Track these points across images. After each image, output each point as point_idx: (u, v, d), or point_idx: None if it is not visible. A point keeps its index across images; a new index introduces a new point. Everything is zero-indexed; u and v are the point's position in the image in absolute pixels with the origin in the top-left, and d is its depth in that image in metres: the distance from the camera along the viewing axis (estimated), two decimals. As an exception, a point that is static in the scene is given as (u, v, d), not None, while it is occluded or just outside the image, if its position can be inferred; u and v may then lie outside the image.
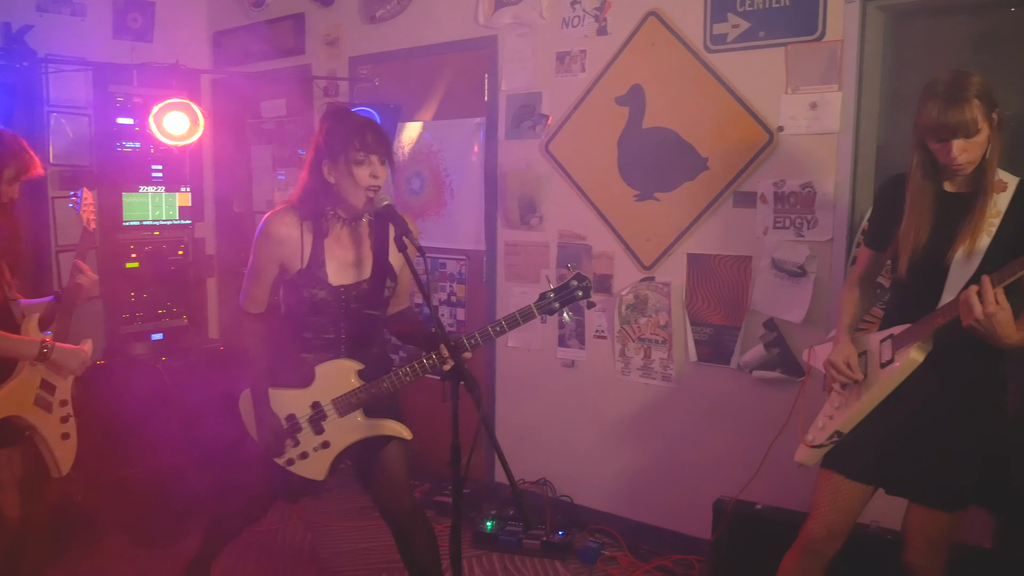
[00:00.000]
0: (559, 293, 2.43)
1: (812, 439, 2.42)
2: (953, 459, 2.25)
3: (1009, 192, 2.20)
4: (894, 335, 2.28)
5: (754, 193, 3.38)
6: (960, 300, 2.07)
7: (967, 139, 2.12)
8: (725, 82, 3.42)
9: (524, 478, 4.13)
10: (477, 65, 4.20)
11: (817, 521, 2.39)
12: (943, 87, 2.14)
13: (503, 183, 4.16)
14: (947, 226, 2.22)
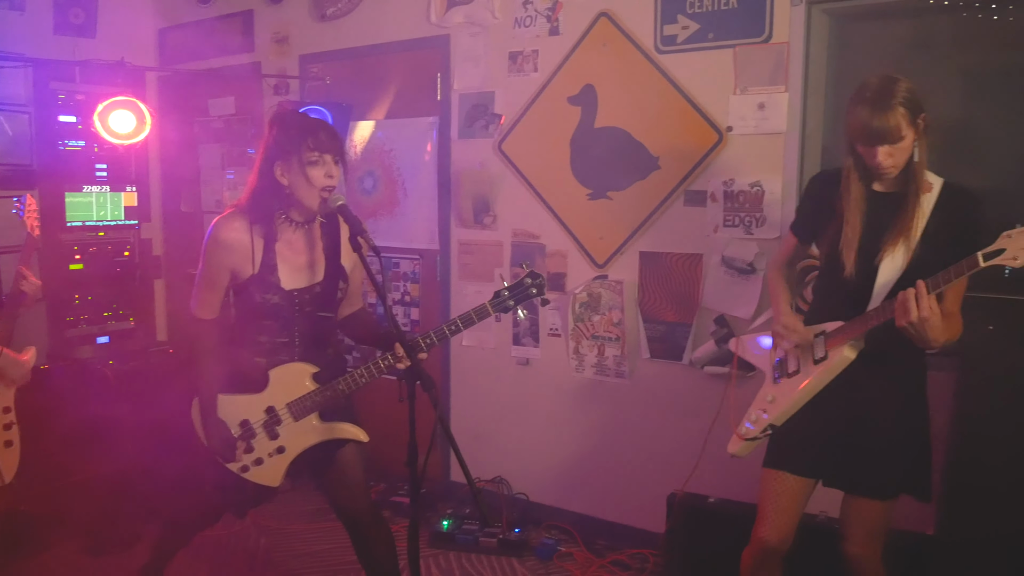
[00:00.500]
0: (514, 291, 2.44)
1: (745, 431, 2.49)
2: (883, 450, 2.33)
3: (935, 192, 2.28)
4: (827, 331, 2.35)
5: (704, 192, 3.44)
6: (897, 302, 2.13)
7: (892, 145, 2.19)
8: (675, 83, 3.47)
9: (480, 476, 4.15)
10: (429, 64, 4.20)
11: (766, 527, 2.45)
12: (871, 93, 2.20)
13: (456, 182, 4.16)
14: (877, 225, 2.29)
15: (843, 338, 2.30)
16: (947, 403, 2.80)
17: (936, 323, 2.10)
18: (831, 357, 2.32)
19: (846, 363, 2.30)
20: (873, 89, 2.20)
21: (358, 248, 2.41)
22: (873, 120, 2.17)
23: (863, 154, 2.25)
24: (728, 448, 2.54)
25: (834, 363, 2.31)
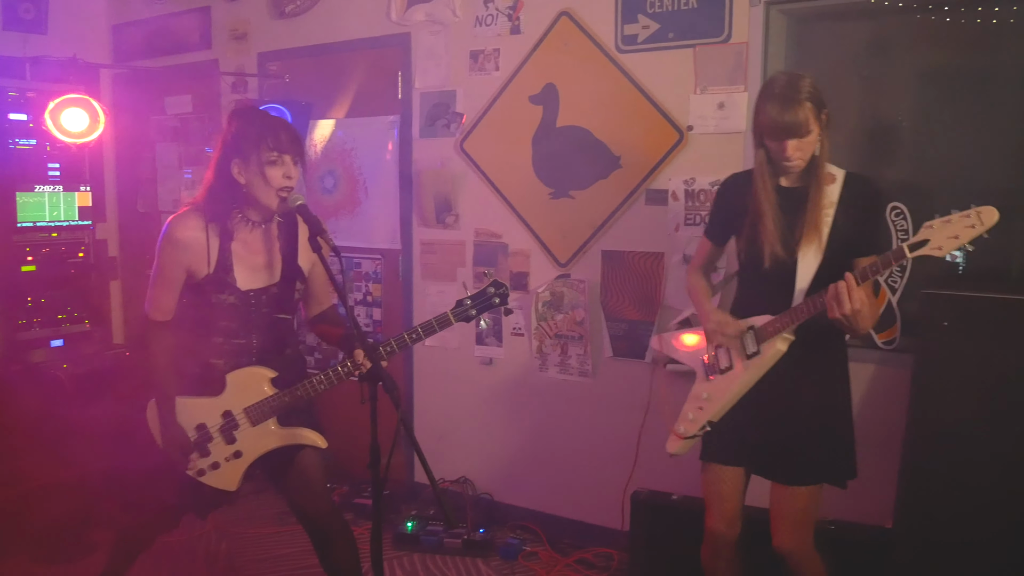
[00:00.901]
0: (476, 300, 2.43)
1: (684, 430, 2.52)
2: (804, 438, 2.40)
3: (838, 183, 2.37)
4: (755, 326, 2.40)
5: (665, 191, 3.45)
6: (829, 297, 2.20)
7: (801, 139, 2.27)
8: (636, 82, 3.48)
9: (444, 477, 4.12)
10: (390, 62, 4.16)
11: (713, 517, 2.55)
12: (779, 89, 2.28)
13: (418, 182, 4.13)
14: (788, 220, 2.36)
15: (773, 332, 2.36)
16: (903, 399, 2.84)
17: (867, 313, 2.20)
18: (764, 351, 2.38)
19: (779, 356, 2.36)
20: (781, 85, 2.29)
21: (318, 249, 2.38)
22: (784, 115, 2.25)
23: (773, 149, 2.33)
24: (667, 448, 2.58)
25: (767, 357, 2.37)
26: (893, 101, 3.27)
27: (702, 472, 2.59)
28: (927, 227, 2.12)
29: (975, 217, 2.05)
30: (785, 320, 2.33)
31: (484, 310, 2.43)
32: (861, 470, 3.15)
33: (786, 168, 2.36)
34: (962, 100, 3.16)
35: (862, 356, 3.16)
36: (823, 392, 2.44)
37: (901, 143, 3.29)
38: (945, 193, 3.17)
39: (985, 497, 2.60)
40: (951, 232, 2.08)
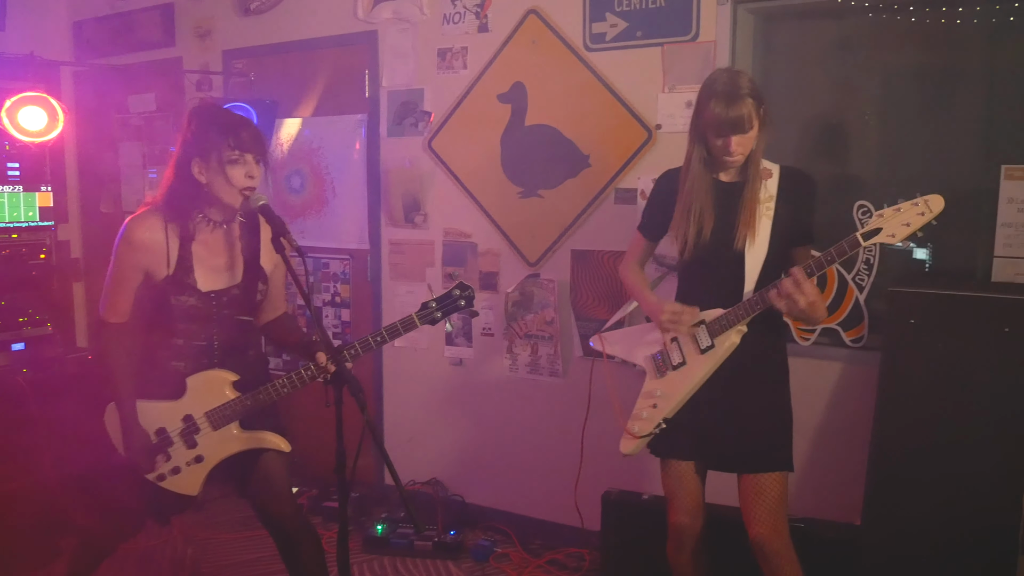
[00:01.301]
0: (441, 303, 2.40)
1: (639, 429, 2.51)
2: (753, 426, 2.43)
3: (775, 178, 2.42)
4: (706, 321, 2.41)
5: (634, 190, 3.45)
6: (783, 292, 2.24)
7: (743, 135, 2.31)
8: (605, 80, 3.47)
9: (414, 479, 4.09)
10: (357, 60, 4.12)
11: (676, 511, 2.56)
12: (721, 86, 2.32)
13: (386, 181, 4.09)
14: (727, 214, 2.40)
15: (727, 325, 2.38)
16: (871, 397, 2.86)
17: (820, 304, 2.27)
18: (718, 345, 2.39)
19: (733, 348, 2.39)
20: (723, 82, 2.33)
21: (281, 250, 2.34)
22: (729, 111, 2.28)
23: (715, 145, 2.36)
24: (621, 448, 2.56)
25: (722, 350, 2.39)
26: (859, 100, 3.29)
27: (661, 469, 2.60)
28: (879, 216, 2.18)
29: (923, 205, 2.13)
30: (739, 313, 2.36)
31: (450, 313, 2.41)
32: (831, 467, 3.19)
33: (726, 163, 2.39)
34: (926, 99, 3.18)
35: (830, 354, 3.18)
36: (768, 383, 2.48)
37: (867, 141, 3.31)
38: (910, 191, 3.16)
39: (952, 493, 2.62)
40: (902, 220, 2.15)
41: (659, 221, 2.60)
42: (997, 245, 2.95)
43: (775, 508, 2.43)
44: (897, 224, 2.15)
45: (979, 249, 3.03)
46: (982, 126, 3.08)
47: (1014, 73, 3.01)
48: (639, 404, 2.55)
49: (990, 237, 2.96)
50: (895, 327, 2.85)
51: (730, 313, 2.38)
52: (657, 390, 2.51)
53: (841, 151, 3.34)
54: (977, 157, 3.08)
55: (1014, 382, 2.63)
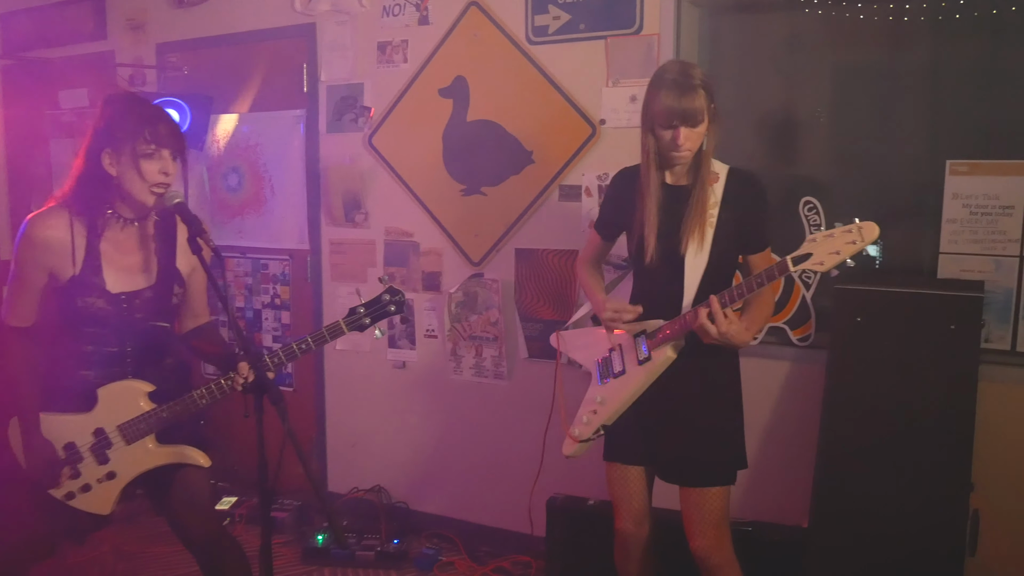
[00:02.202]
0: (370, 308, 2.28)
1: (579, 434, 2.46)
2: (701, 438, 2.36)
3: (722, 181, 2.32)
4: (647, 331, 2.33)
5: (579, 186, 3.36)
6: (696, 325, 2.19)
7: (693, 128, 2.22)
8: (548, 75, 3.38)
9: (358, 486, 3.98)
10: (295, 54, 3.98)
11: (622, 517, 2.51)
12: (672, 76, 2.23)
13: (326, 178, 3.96)
14: (673, 218, 2.31)
15: (663, 340, 2.30)
16: (818, 395, 2.81)
17: (737, 331, 2.18)
18: (654, 358, 2.32)
19: (669, 363, 2.31)
20: (674, 72, 2.24)
21: (198, 250, 2.20)
22: (680, 101, 2.18)
23: (662, 138, 2.26)
24: (563, 450, 2.51)
25: (658, 363, 2.32)
26: (806, 96, 3.24)
27: (607, 472, 2.52)
28: (810, 240, 2.09)
29: (856, 232, 2.03)
30: (675, 329, 2.28)
31: (379, 319, 2.29)
32: (779, 469, 3.14)
33: (674, 159, 2.29)
34: (873, 96, 3.14)
35: (777, 354, 3.13)
36: (716, 393, 2.40)
37: (814, 138, 3.26)
38: (856, 187, 3.15)
39: (899, 493, 2.58)
40: (832, 247, 2.05)
41: (613, 220, 2.52)
42: (942, 241, 2.93)
43: (717, 521, 2.36)
44: (826, 251, 2.05)
45: (924, 245, 3.00)
46: (928, 122, 3.05)
47: (959, 69, 2.98)
48: (581, 409, 2.50)
49: (936, 233, 2.93)
50: (841, 325, 2.81)
51: (667, 326, 2.30)
52: (598, 396, 2.45)
53: (788, 147, 3.29)
54: (923, 153, 3.04)
55: (960, 379, 2.61)
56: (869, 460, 2.65)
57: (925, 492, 2.57)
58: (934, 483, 2.56)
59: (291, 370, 4.18)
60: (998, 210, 2.84)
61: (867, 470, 2.65)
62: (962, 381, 2.62)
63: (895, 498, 2.59)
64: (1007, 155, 2.83)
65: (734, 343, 2.19)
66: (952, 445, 2.57)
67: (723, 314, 2.15)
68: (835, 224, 2.10)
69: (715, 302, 2.15)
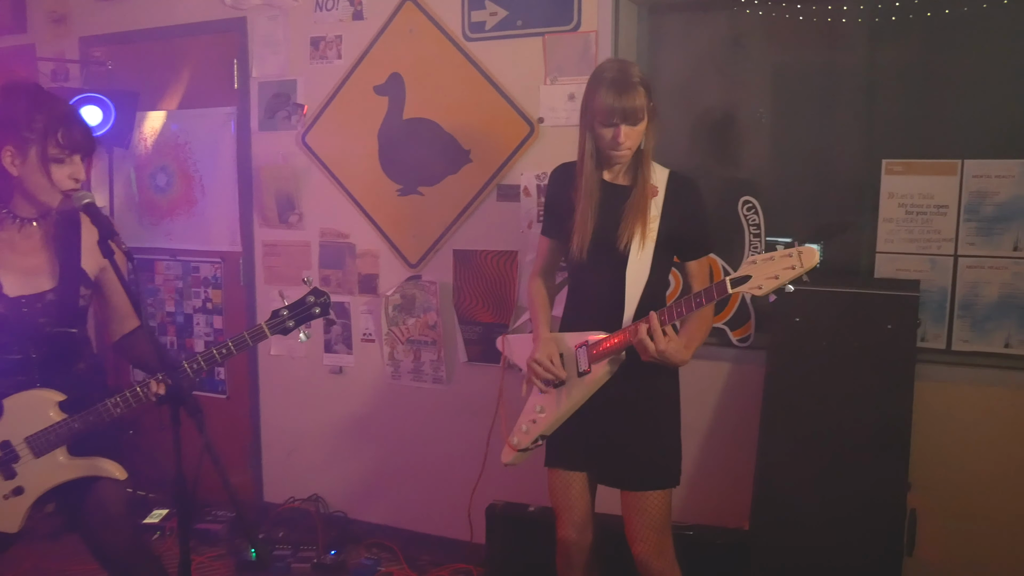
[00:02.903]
0: (293, 310, 2.18)
1: (518, 442, 2.39)
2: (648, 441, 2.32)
3: (662, 185, 2.28)
4: (589, 342, 2.27)
5: (517, 186, 3.30)
6: (635, 342, 2.14)
7: (633, 126, 2.19)
8: (485, 72, 3.31)
9: (295, 495, 3.86)
10: (225, 49, 3.85)
11: (564, 525, 2.45)
12: (612, 74, 2.20)
13: (258, 178, 3.84)
14: (613, 218, 2.26)
15: (604, 354, 2.24)
16: (757, 396, 2.79)
17: (676, 349, 2.14)
18: (594, 371, 2.26)
19: (608, 377, 2.26)
20: (614, 71, 2.21)
21: (110, 254, 2.07)
22: (620, 99, 2.16)
23: (601, 137, 2.23)
24: (501, 458, 2.44)
25: (597, 377, 2.26)
26: (745, 95, 3.22)
27: (548, 478, 2.46)
28: (750, 263, 2.05)
29: (796, 258, 1.98)
30: (615, 344, 2.22)
31: (304, 321, 2.19)
32: (720, 471, 3.12)
33: (614, 158, 2.24)
34: (812, 96, 3.14)
35: (717, 355, 3.10)
36: (657, 397, 2.36)
37: (753, 137, 3.24)
38: (795, 187, 3.14)
39: (838, 493, 2.57)
40: (771, 271, 2.00)
41: (555, 218, 2.44)
42: (879, 240, 2.93)
43: (658, 527, 2.32)
44: (765, 276, 2.00)
45: (862, 245, 3.00)
46: (865, 122, 3.05)
47: (894, 70, 2.99)
48: (522, 417, 2.42)
49: (873, 232, 2.93)
50: (780, 325, 2.81)
51: (607, 340, 2.24)
52: (538, 405, 2.38)
53: (727, 146, 3.27)
54: (860, 152, 3.04)
55: (896, 378, 2.61)
56: (808, 460, 2.64)
57: (863, 492, 2.56)
58: (872, 483, 2.56)
59: (224, 377, 4.04)
60: (933, 209, 2.85)
61: (806, 471, 2.64)
62: (899, 380, 2.62)
63: (834, 498, 2.58)
64: (941, 155, 2.84)
65: (672, 361, 2.16)
66: (889, 445, 2.57)
67: (662, 332, 2.10)
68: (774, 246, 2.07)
69: (655, 319, 2.11)
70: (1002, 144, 2.79)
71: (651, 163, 2.27)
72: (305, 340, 2.20)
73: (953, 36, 2.86)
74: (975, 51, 2.85)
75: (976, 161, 2.79)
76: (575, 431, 2.34)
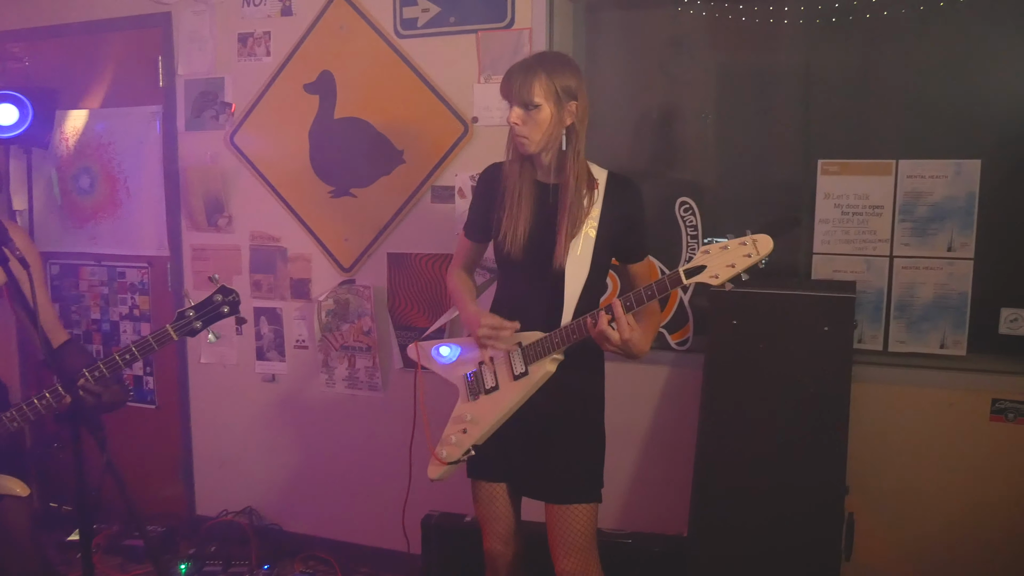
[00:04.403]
0: (201, 310, 2.08)
1: (447, 455, 2.28)
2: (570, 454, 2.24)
3: (602, 186, 2.21)
4: (523, 344, 2.19)
5: (452, 187, 3.22)
6: (596, 331, 2.06)
7: (525, 111, 2.11)
8: (418, 70, 3.22)
9: (227, 508, 3.73)
10: (150, 46, 3.70)
11: (489, 537, 2.38)
12: (528, 57, 2.17)
13: (185, 179, 3.69)
14: (548, 218, 2.19)
15: (543, 353, 2.15)
16: (696, 400, 2.74)
17: (639, 338, 2.07)
18: (532, 373, 2.17)
19: (548, 377, 2.17)
20: (535, 55, 2.18)
21: (3, 261, 1.95)
22: (515, 78, 2.11)
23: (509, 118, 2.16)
24: (428, 474, 2.31)
25: (536, 379, 2.17)
26: (683, 95, 3.18)
27: (472, 490, 2.38)
28: (704, 252, 1.98)
29: (751, 245, 1.93)
30: (556, 341, 2.13)
31: (212, 321, 2.09)
32: (659, 477, 3.07)
33: (518, 145, 2.15)
34: (750, 96, 3.11)
35: (656, 359, 3.06)
36: (582, 407, 2.27)
37: (690, 137, 3.20)
38: (733, 188, 3.11)
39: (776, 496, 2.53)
40: (727, 260, 1.95)
41: (481, 220, 2.35)
42: (816, 242, 2.91)
43: (583, 542, 2.24)
44: (721, 264, 1.95)
45: (799, 246, 2.97)
46: (802, 123, 3.02)
47: (831, 71, 2.96)
48: (449, 427, 2.31)
49: (811, 233, 2.91)
50: (718, 328, 2.76)
51: (547, 339, 2.15)
52: (468, 414, 2.27)
53: (665, 147, 3.22)
54: (797, 153, 3.01)
55: (834, 380, 2.58)
56: (746, 464, 2.61)
57: (801, 496, 2.53)
58: (810, 486, 2.53)
59: (153, 387, 3.89)
60: (868, 210, 2.83)
61: (744, 475, 2.60)
62: (836, 382, 2.59)
63: (772, 502, 2.55)
64: (876, 155, 2.82)
65: (634, 351, 2.08)
66: (827, 447, 2.54)
67: (626, 320, 2.03)
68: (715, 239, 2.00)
69: (619, 306, 2.02)
70: (936, 145, 2.78)
71: (585, 163, 2.20)
72: (214, 341, 2.09)
73: (890, 38, 2.85)
74: (911, 53, 2.84)
75: (910, 161, 2.78)
76: (498, 440, 2.25)
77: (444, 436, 2.30)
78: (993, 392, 2.70)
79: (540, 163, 2.22)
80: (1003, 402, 2.69)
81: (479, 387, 2.27)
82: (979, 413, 2.72)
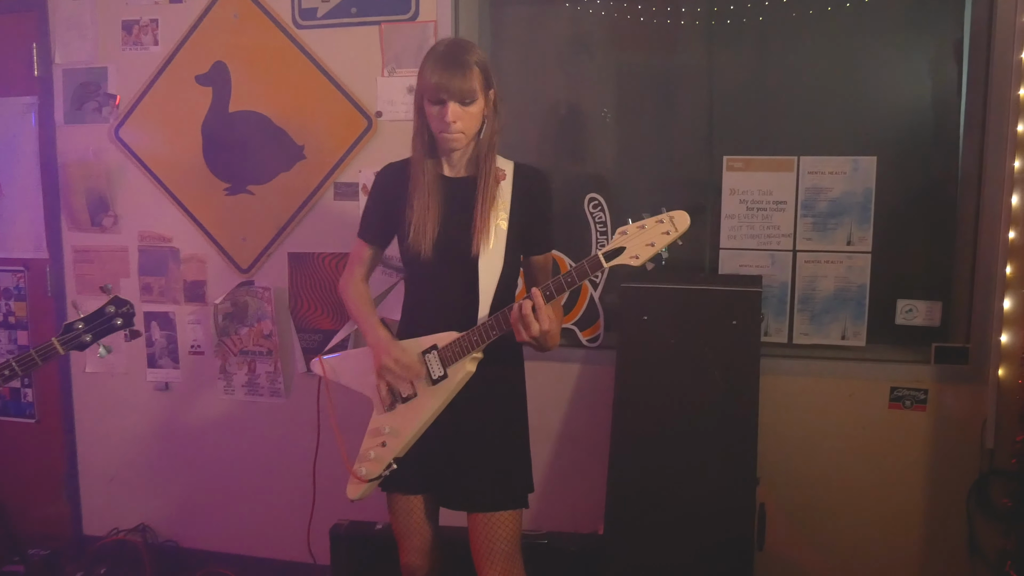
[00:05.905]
0: (90, 323, 1.93)
1: (367, 472, 2.17)
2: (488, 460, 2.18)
3: (509, 178, 2.17)
4: (438, 346, 2.11)
5: (355, 184, 3.11)
6: (514, 319, 1.99)
7: (464, 106, 2.04)
8: (318, 62, 3.10)
9: (118, 527, 3.52)
10: (23, 31, 3.44)
11: (406, 551, 2.29)
12: (445, 49, 2.07)
13: (65, 176, 3.45)
14: (458, 214, 2.13)
15: (461, 353, 2.08)
16: (609, 396, 2.73)
17: (556, 330, 2.03)
18: (451, 375, 2.09)
19: (468, 378, 2.10)
20: (446, 45, 2.09)
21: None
22: (448, 73, 2.01)
23: (431, 117, 2.07)
24: (348, 494, 2.20)
25: (456, 380, 2.10)
26: (590, 92, 3.17)
27: (387, 503, 2.28)
28: (621, 234, 1.94)
29: (668, 223, 1.90)
30: (475, 339, 2.05)
31: (103, 335, 1.94)
32: (574, 476, 3.05)
33: (445, 141, 2.07)
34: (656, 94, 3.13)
35: (567, 356, 3.04)
36: (504, 409, 2.21)
37: (598, 134, 3.19)
38: (641, 184, 3.12)
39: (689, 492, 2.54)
40: (646, 239, 1.91)
41: (381, 223, 2.25)
42: (722, 237, 2.94)
43: (510, 549, 2.17)
44: (641, 244, 1.91)
45: (705, 242, 3.00)
46: (700, 122, 3.05)
47: (732, 69, 3.00)
48: (366, 443, 2.20)
49: (717, 229, 2.94)
50: (628, 324, 2.76)
51: (464, 338, 2.07)
52: (385, 426, 2.17)
53: (573, 143, 3.21)
54: (703, 149, 3.04)
55: (742, 373, 2.61)
56: (659, 459, 2.61)
57: (713, 488, 2.54)
58: (722, 479, 2.55)
59: (32, 399, 3.62)
60: (772, 205, 2.89)
61: (657, 469, 2.60)
62: (745, 376, 2.63)
63: (685, 496, 2.56)
64: (779, 152, 2.87)
65: (549, 344, 2.02)
66: (737, 440, 2.57)
67: (545, 310, 1.96)
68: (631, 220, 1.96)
69: (539, 295, 1.95)
70: (835, 142, 2.85)
71: (495, 156, 2.13)
72: (104, 356, 1.94)
73: (787, 38, 2.91)
74: (807, 54, 2.91)
75: (811, 158, 2.84)
76: (416, 450, 2.15)
77: (362, 451, 2.19)
78: (891, 381, 2.79)
79: (449, 157, 2.15)
80: (900, 390, 2.79)
81: (395, 397, 2.17)
82: (879, 401, 2.81)
